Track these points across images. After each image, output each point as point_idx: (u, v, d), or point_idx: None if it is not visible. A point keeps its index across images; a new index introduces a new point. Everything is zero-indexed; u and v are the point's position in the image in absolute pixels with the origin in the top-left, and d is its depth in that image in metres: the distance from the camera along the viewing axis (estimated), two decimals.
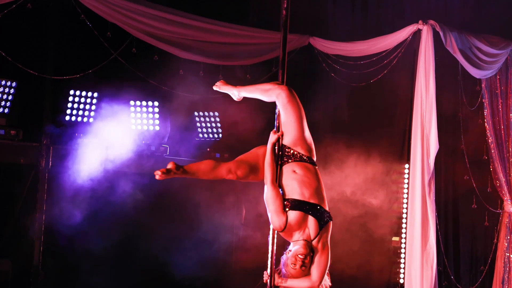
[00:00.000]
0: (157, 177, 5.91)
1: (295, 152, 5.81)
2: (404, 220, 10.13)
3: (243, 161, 6.01)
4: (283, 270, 5.76)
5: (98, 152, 9.40)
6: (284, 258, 5.77)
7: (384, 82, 10.18)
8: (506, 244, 10.43)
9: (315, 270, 5.66)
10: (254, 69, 10.43)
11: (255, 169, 5.96)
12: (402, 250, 10.09)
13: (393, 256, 10.12)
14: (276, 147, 5.82)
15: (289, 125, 5.82)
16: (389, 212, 10.22)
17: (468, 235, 10.70)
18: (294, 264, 5.63)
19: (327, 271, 5.79)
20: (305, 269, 5.65)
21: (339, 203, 10.15)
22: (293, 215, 5.65)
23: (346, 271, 10.14)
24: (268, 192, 5.70)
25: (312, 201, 5.68)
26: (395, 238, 10.17)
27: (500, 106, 10.42)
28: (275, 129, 5.91)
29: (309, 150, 5.88)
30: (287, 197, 5.72)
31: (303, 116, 5.88)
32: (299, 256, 5.61)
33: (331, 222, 5.79)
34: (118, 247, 10.03)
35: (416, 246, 9.80)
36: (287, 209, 5.66)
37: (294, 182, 5.74)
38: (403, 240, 10.11)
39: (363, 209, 10.16)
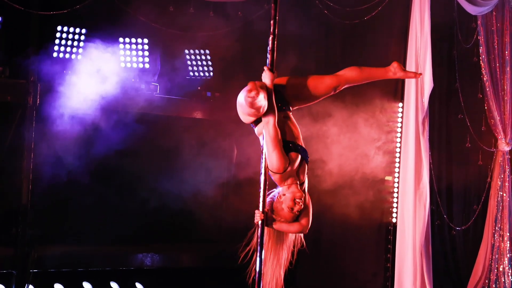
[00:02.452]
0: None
1: (286, 100, 5.76)
2: (397, 159, 10.08)
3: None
4: (273, 214, 5.67)
5: (86, 90, 9.27)
6: (274, 201, 5.65)
7: (379, 20, 10.03)
8: (500, 183, 10.43)
9: (304, 214, 5.65)
10: (246, 6, 10.24)
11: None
12: (395, 190, 10.06)
13: (386, 195, 10.09)
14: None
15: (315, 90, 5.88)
16: (382, 151, 10.15)
17: (461, 174, 10.69)
18: (292, 208, 5.58)
19: None
20: (298, 213, 5.61)
21: (332, 143, 10.09)
22: (294, 157, 5.59)
23: (338, 211, 10.14)
24: (272, 133, 5.55)
25: (302, 144, 5.68)
26: (388, 178, 10.14)
27: (495, 44, 10.32)
28: (268, 65, 5.74)
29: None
30: (287, 139, 5.65)
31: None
32: (297, 200, 5.57)
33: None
34: (107, 185, 10.01)
35: (409, 185, 9.79)
36: (291, 150, 5.60)
37: (286, 126, 5.69)
38: (396, 179, 10.07)
39: (356, 148, 10.10)
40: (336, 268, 10.33)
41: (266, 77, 5.65)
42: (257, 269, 5.68)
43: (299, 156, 5.61)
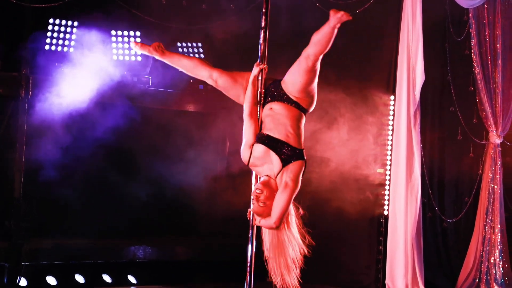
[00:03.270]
0: (132, 45, 5.97)
1: (283, 93, 5.64)
2: (389, 152, 10.10)
3: (228, 74, 5.85)
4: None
5: (78, 82, 9.26)
6: None
7: (371, 12, 10.03)
8: (491, 175, 10.45)
9: (273, 209, 5.48)
10: None
11: (236, 86, 5.82)
12: (387, 182, 10.08)
13: (378, 188, 10.11)
14: (259, 79, 5.68)
15: (298, 78, 5.65)
16: (374, 144, 10.17)
17: (453, 167, 10.72)
18: (253, 199, 5.51)
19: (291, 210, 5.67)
20: (263, 206, 5.48)
21: (323, 137, 10.10)
22: (257, 148, 5.53)
23: (331, 204, 10.16)
24: (244, 124, 5.60)
25: (276, 136, 5.51)
26: (380, 170, 10.16)
27: (487, 37, 10.33)
28: (259, 60, 5.75)
29: (304, 98, 5.68)
30: (262, 131, 5.61)
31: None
32: (256, 191, 5.48)
33: (302, 162, 5.56)
34: (100, 178, 10.01)
35: (401, 178, 9.82)
36: (254, 142, 5.56)
37: (267, 118, 5.61)
38: (387, 172, 10.09)
39: (348, 141, 10.11)
40: (329, 260, 10.34)
41: (255, 69, 5.70)
42: (248, 262, 5.68)
43: (263, 148, 5.50)
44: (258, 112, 5.64)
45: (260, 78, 5.70)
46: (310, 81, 5.62)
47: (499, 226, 10.40)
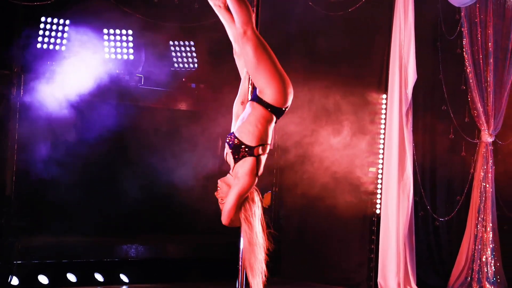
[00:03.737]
0: None
1: (255, 95, 5.46)
2: (381, 151, 10.10)
3: None
4: None
5: (70, 81, 9.25)
6: None
7: (363, 11, 10.03)
8: (483, 174, 10.47)
9: (225, 204, 5.47)
10: None
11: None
12: (379, 181, 10.08)
13: (370, 186, 10.11)
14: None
15: (257, 75, 5.41)
16: (366, 143, 10.17)
17: (445, 166, 10.72)
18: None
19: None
20: (222, 203, 5.49)
21: (316, 135, 10.10)
22: (226, 145, 5.53)
23: (323, 202, 10.17)
24: None
25: (237, 134, 5.41)
26: (372, 169, 10.16)
27: (479, 35, 10.34)
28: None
29: (258, 84, 5.44)
30: None
31: (275, 62, 5.42)
32: (217, 187, 5.56)
33: (253, 159, 5.38)
34: (92, 176, 10.01)
35: (393, 177, 9.82)
36: None
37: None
38: (379, 171, 10.09)
39: (340, 140, 10.12)
40: (321, 259, 10.36)
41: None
42: (240, 261, 5.67)
43: (227, 146, 5.48)
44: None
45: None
46: (255, 59, 5.35)
47: (491, 224, 10.42)
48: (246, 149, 5.38)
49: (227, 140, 5.44)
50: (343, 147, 10.12)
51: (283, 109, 5.45)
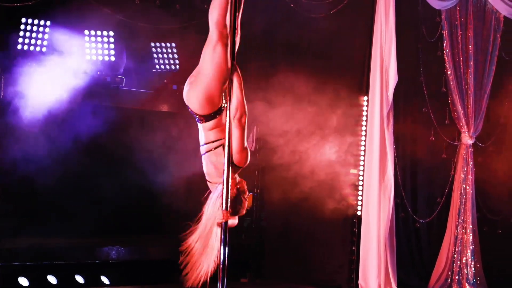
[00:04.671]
0: None
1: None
2: (362, 153, 10.13)
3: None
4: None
5: (51, 82, 9.22)
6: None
7: (344, 13, 10.06)
8: (463, 176, 10.52)
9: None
10: None
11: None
12: (360, 183, 10.11)
13: (351, 188, 10.13)
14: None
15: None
16: (348, 144, 10.20)
17: (425, 168, 10.77)
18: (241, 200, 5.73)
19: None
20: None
21: (297, 137, 10.11)
22: None
23: (304, 203, 10.18)
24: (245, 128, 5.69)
25: None
26: (353, 171, 10.18)
27: (459, 38, 10.40)
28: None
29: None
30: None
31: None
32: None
33: None
34: (74, 178, 9.98)
35: (374, 179, 9.85)
36: None
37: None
38: (361, 173, 10.12)
39: (322, 142, 10.14)
40: (303, 260, 10.37)
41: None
42: (221, 262, 5.66)
43: None
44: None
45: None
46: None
47: (471, 226, 10.47)
48: None
49: None
50: (325, 149, 10.14)
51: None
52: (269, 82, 10.26)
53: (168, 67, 10.72)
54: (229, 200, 5.55)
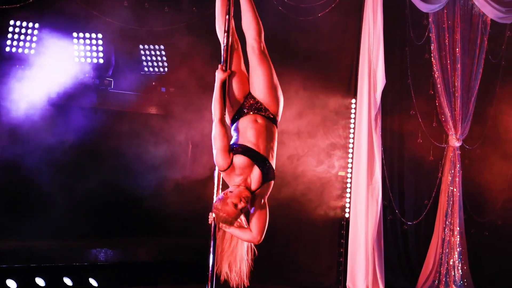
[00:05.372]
0: None
1: (264, 107, 5.61)
2: (350, 155, 10.16)
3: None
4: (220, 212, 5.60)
5: (39, 85, 9.21)
6: (221, 198, 5.54)
7: (332, 16, 10.09)
8: (450, 178, 10.56)
9: (255, 225, 5.56)
10: (200, 2, 10.25)
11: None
12: (348, 185, 10.14)
13: (339, 190, 10.16)
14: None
15: (261, 82, 5.63)
16: (336, 147, 10.23)
17: (413, 170, 10.80)
18: (236, 204, 5.45)
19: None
20: (240, 214, 5.51)
21: (286, 139, 10.13)
22: (240, 159, 5.47)
23: (293, 206, 10.19)
24: (216, 130, 5.52)
25: (262, 153, 5.52)
26: (341, 173, 10.21)
27: (446, 41, 10.44)
28: (222, 63, 5.70)
29: (277, 111, 5.67)
30: (240, 143, 5.55)
31: (274, 74, 5.69)
32: (244, 198, 5.45)
33: (273, 182, 5.66)
34: (62, 180, 9.96)
35: (362, 181, 9.88)
36: (237, 153, 5.49)
37: (252, 131, 5.55)
38: (349, 175, 10.15)
39: (310, 144, 10.16)
40: (290, 262, 10.37)
41: (218, 76, 5.63)
42: (210, 266, 5.67)
43: (247, 160, 5.48)
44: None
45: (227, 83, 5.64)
46: (269, 72, 5.60)
47: (458, 228, 10.51)
48: (273, 171, 5.61)
49: (245, 153, 5.47)
50: (313, 151, 10.17)
51: None
52: None
53: (156, 69, 10.71)
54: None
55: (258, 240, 5.62)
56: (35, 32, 9.50)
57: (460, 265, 10.48)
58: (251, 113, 5.59)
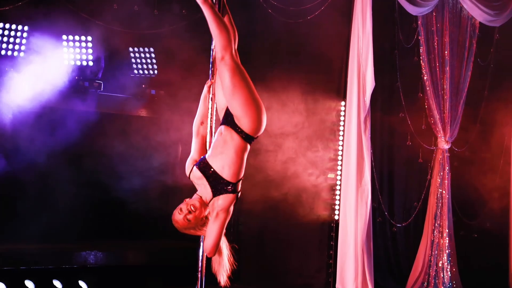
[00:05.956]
0: None
1: (227, 119, 5.38)
2: (340, 157, 10.18)
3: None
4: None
5: (29, 87, 9.20)
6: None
7: (322, 19, 10.11)
8: (439, 180, 10.59)
9: (208, 238, 5.39)
10: (190, 4, 10.25)
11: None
12: (338, 187, 10.16)
13: (329, 192, 10.18)
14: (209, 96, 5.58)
15: (221, 92, 5.40)
16: (325, 149, 10.25)
17: (402, 172, 10.84)
18: (181, 208, 5.39)
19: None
20: (188, 222, 5.38)
21: (275, 141, 10.14)
22: (195, 171, 5.40)
23: (282, 208, 10.21)
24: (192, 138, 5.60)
25: (213, 165, 5.33)
26: (331, 175, 10.23)
27: (435, 44, 10.48)
28: (210, 77, 5.66)
29: (240, 123, 5.32)
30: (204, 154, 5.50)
31: (251, 90, 5.33)
32: (191, 205, 5.36)
33: (233, 196, 5.39)
34: (50, 183, 9.94)
35: (351, 183, 9.88)
36: (196, 164, 5.42)
37: (214, 143, 5.41)
38: (338, 177, 10.17)
39: (299, 146, 10.17)
40: (280, 265, 10.39)
41: (205, 88, 5.61)
42: (199, 268, 5.69)
43: (198, 171, 5.37)
44: (209, 131, 5.58)
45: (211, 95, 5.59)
46: (227, 83, 5.26)
47: (447, 230, 10.54)
48: (229, 186, 5.34)
49: (199, 165, 5.35)
50: (302, 153, 10.18)
51: (256, 137, 5.38)
52: None
53: (146, 72, 10.73)
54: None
55: (210, 255, 5.44)
56: (25, 34, 9.49)
57: (449, 267, 10.51)
58: (221, 124, 5.45)
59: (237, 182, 5.36)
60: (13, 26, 9.43)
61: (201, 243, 5.61)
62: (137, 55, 10.68)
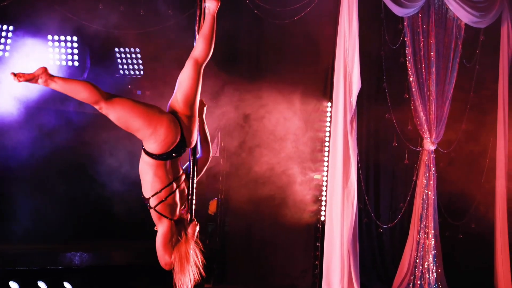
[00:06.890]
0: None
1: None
2: (326, 158, 10.18)
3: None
4: None
5: (13, 88, 9.14)
6: None
7: (308, 20, 10.11)
8: (425, 181, 10.62)
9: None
10: (176, 4, 10.23)
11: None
12: (324, 188, 10.16)
13: (315, 193, 10.18)
14: None
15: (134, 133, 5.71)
16: (311, 150, 10.25)
17: (388, 173, 10.85)
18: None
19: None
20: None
21: (261, 142, 10.13)
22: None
23: (268, 209, 10.20)
24: None
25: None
26: (317, 176, 10.23)
27: (421, 45, 10.51)
28: None
29: (148, 146, 5.64)
30: None
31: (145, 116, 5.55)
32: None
33: (152, 211, 5.78)
34: (35, 184, 9.89)
35: (337, 184, 9.89)
36: None
37: None
38: (324, 178, 10.17)
39: (285, 147, 10.17)
40: (266, 266, 10.39)
41: None
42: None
43: None
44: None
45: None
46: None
47: (432, 231, 10.57)
48: (146, 202, 5.68)
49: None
50: (288, 154, 10.18)
51: (171, 151, 5.48)
52: (233, 88, 10.27)
53: (132, 72, 10.69)
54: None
55: (165, 267, 5.85)
56: (10, 34, 9.44)
57: (434, 268, 10.54)
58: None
59: (152, 196, 5.67)
60: None
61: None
62: (123, 55, 10.65)
